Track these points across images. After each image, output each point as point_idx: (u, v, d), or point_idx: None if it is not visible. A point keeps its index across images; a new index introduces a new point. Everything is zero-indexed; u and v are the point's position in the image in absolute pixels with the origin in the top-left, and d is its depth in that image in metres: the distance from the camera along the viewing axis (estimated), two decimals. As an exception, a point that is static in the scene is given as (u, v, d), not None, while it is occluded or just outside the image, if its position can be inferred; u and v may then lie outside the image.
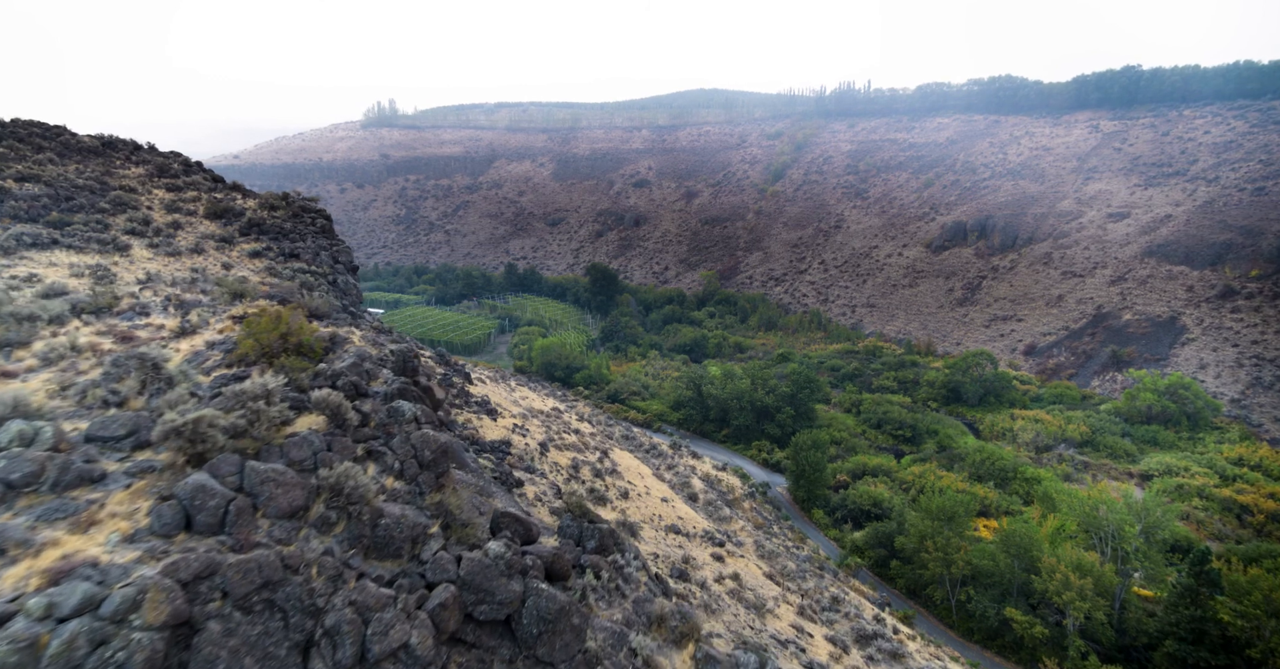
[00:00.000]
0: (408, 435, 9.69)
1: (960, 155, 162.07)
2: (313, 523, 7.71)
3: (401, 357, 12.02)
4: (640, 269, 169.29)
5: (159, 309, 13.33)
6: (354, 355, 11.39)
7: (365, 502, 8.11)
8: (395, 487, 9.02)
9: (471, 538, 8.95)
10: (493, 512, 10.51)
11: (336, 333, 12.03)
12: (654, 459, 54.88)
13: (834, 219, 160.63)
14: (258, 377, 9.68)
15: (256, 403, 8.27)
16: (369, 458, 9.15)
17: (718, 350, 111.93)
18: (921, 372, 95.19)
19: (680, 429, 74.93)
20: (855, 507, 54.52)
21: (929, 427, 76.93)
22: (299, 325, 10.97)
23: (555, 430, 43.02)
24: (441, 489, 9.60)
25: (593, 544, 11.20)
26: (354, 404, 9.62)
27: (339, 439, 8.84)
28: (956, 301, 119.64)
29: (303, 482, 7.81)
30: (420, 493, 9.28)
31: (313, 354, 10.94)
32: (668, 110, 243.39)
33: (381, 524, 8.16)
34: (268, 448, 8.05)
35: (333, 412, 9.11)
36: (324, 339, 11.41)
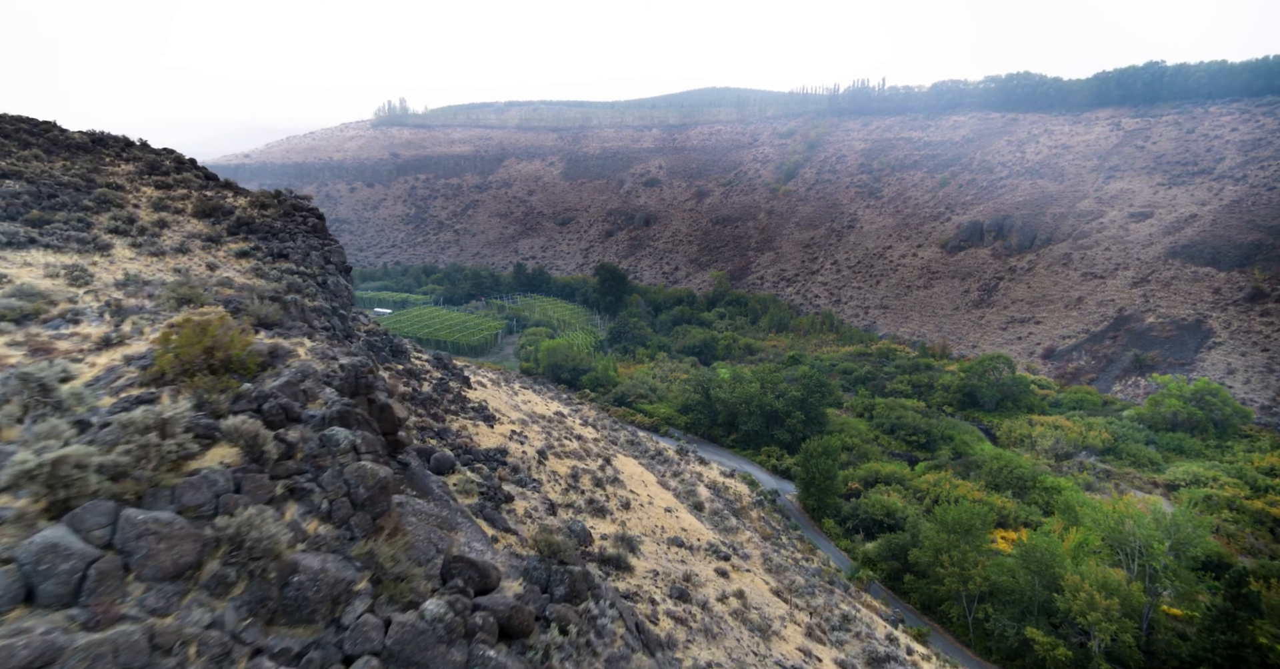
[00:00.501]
0: (341, 469, 8.31)
1: (977, 154, 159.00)
2: (204, 584, 6.33)
3: (353, 372, 10.65)
4: (650, 269, 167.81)
5: (94, 316, 12.08)
6: (296, 371, 10.03)
7: (274, 554, 6.72)
8: (321, 532, 7.64)
9: (407, 594, 7.55)
10: (445, 556, 9.11)
11: (280, 345, 10.68)
12: (659, 466, 53.44)
13: (847, 219, 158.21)
14: (167, 400, 8.34)
15: (146, 435, 6.90)
16: (291, 498, 7.78)
17: (727, 352, 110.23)
18: (936, 375, 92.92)
19: (688, 433, 73.38)
20: (867, 516, 52.74)
21: (944, 432, 74.85)
22: (230, 337, 9.62)
23: (556, 437, 41.68)
24: (379, 532, 8.21)
25: (562, 591, 9.76)
26: (277, 432, 8.24)
27: (252, 476, 7.46)
28: (972, 303, 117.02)
29: (195, 532, 6.44)
30: (352, 538, 7.89)
31: (245, 371, 9.60)
32: (678, 109, 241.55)
33: (294, 582, 6.76)
34: (155, 492, 6.68)
35: (248, 442, 7.74)
36: (261, 353, 10.06)
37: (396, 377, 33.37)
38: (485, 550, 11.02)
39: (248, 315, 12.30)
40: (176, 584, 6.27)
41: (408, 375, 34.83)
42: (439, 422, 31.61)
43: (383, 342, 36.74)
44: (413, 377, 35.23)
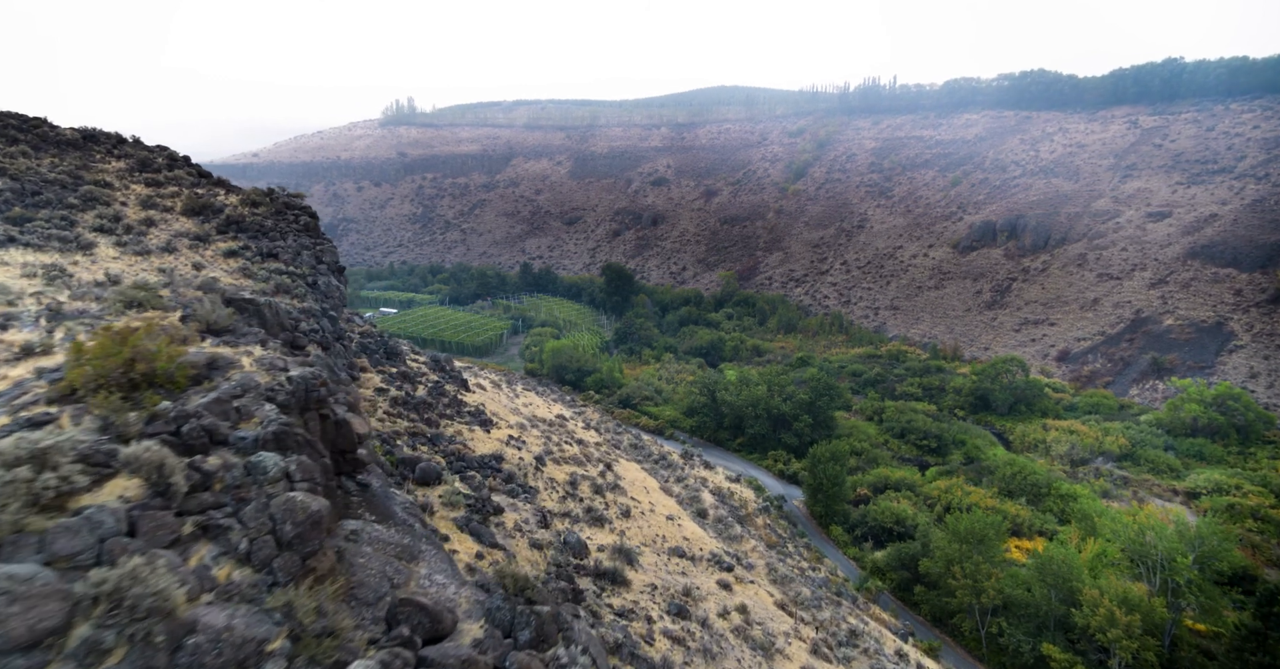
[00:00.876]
0: (267, 501, 7.22)
1: (989, 153, 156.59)
2: (71, 654, 5.23)
3: (302, 385, 9.56)
4: (657, 269, 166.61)
5: (29, 321, 11.07)
6: (234, 385, 8.96)
7: (166, 612, 5.62)
8: (235, 579, 6.53)
9: (333, 653, 6.43)
10: (391, 599, 8.01)
11: (220, 355, 9.61)
12: (663, 470, 52.30)
13: (857, 218, 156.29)
14: (68, 422, 7.30)
15: (15, 469, 5.83)
16: (203, 537, 6.69)
17: (735, 353, 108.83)
18: (948, 378, 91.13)
19: (693, 437, 72.14)
20: (876, 524, 51.32)
21: (956, 437, 73.19)
22: (157, 347, 8.56)
23: (556, 441, 40.59)
24: (309, 575, 7.10)
25: (527, 635, 8.63)
26: (192, 460, 7.15)
27: (153, 515, 6.37)
28: (985, 304, 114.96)
29: (63, 589, 5.35)
30: (274, 584, 6.79)
31: (174, 385, 8.53)
32: (687, 108, 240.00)
33: (188, 645, 5.65)
34: (18, 539, 5.60)
35: (151, 473, 6.66)
36: (195, 365, 8.99)
37: (389, 380, 32.42)
38: (449, 584, 9.90)
39: (195, 320, 11.26)
40: (32, 656, 5.16)
41: (401, 379, 33.86)
42: (433, 427, 30.60)
43: (376, 344, 35.82)
44: (406, 380, 34.27)
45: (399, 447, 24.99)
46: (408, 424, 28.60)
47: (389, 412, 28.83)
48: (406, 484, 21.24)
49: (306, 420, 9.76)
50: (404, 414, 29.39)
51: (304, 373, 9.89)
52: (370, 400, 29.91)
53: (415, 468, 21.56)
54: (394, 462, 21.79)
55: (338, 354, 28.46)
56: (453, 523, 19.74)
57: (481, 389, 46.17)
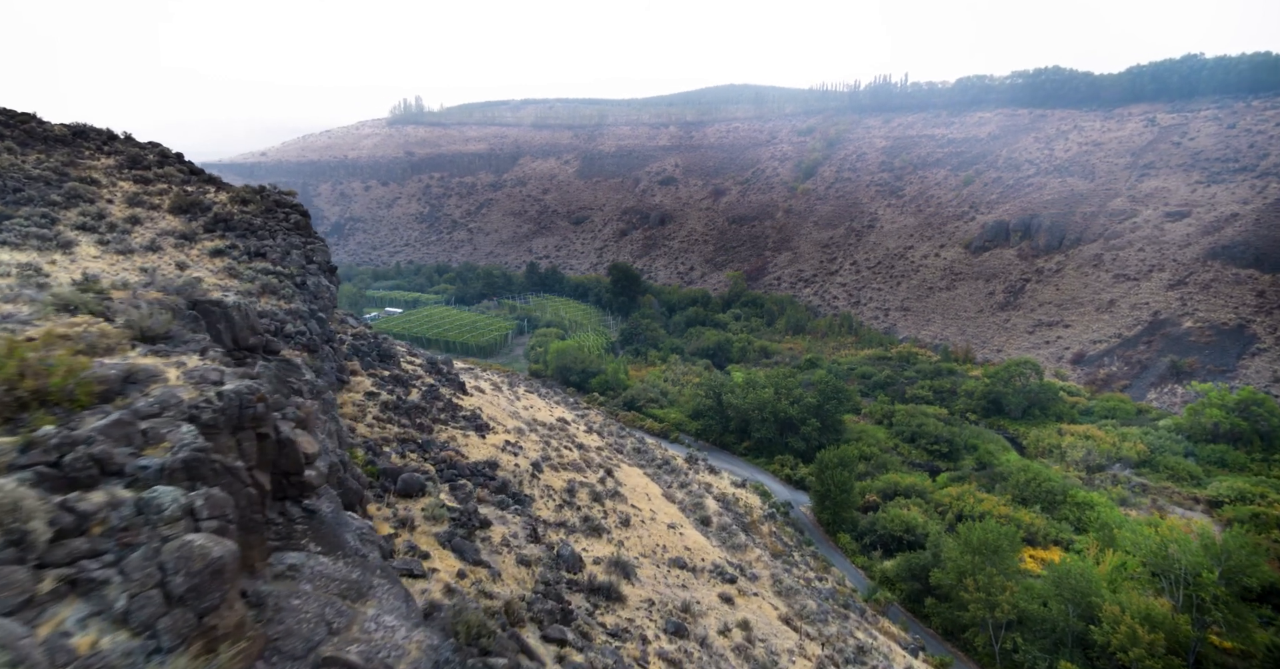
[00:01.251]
0: (159, 547, 6.07)
1: (1003, 151, 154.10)
2: None
3: (235, 401, 8.42)
4: (665, 269, 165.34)
5: (-58, 327, 9.99)
6: (152, 403, 7.85)
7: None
8: (106, 647, 5.39)
9: (220, 742, 5.28)
10: (315, 657, 6.87)
11: (138, 368, 8.48)
12: (666, 475, 51.04)
13: (867, 218, 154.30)
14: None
15: None
16: (68, 596, 5.55)
17: (742, 355, 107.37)
18: (959, 381, 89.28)
19: (699, 440, 70.86)
20: (885, 532, 49.84)
21: (967, 441, 71.50)
22: (59, 359, 7.46)
23: (555, 446, 39.46)
24: (206, 636, 5.94)
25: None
26: (66, 498, 6.01)
27: (1, 570, 5.24)
28: (997, 306, 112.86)
29: None
30: (158, 650, 5.64)
31: (75, 403, 7.42)
32: (695, 106, 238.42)
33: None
34: None
35: (4, 516, 5.52)
36: (105, 380, 7.87)
37: (380, 384, 31.41)
38: (400, 626, 8.73)
39: (127, 327, 10.16)
40: None
41: (394, 382, 32.84)
42: (425, 433, 29.55)
43: (370, 346, 34.84)
44: (399, 383, 33.24)
45: (385, 455, 23.92)
46: (398, 430, 27.55)
47: (379, 417, 27.78)
48: (387, 497, 20.14)
49: (239, 441, 8.62)
50: (394, 419, 28.34)
51: (238, 387, 8.74)
52: (359, 405, 28.87)
53: (397, 479, 20.48)
54: (374, 473, 20.70)
55: (326, 357, 27.43)
56: (435, 538, 18.61)
57: (480, 392, 45.10)
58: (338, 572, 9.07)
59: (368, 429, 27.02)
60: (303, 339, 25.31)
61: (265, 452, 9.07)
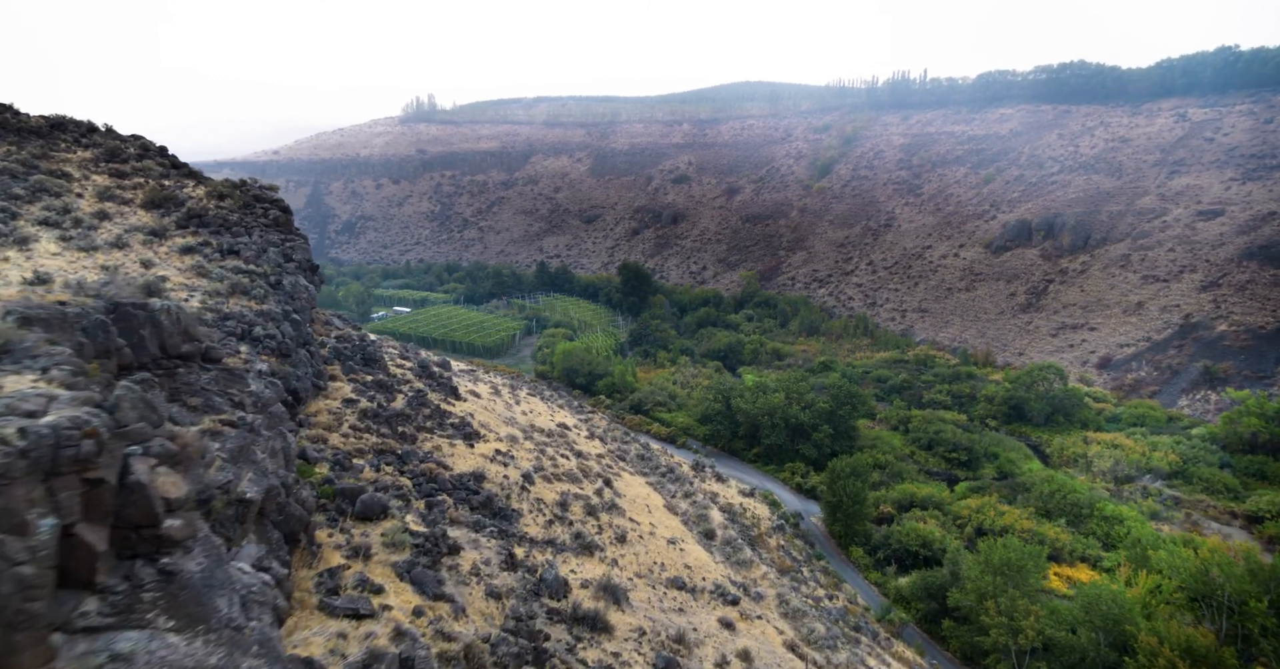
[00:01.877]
0: None
1: (1025, 148, 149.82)
2: None
3: (49, 439, 6.50)
4: (677, 269, 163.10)
5: None
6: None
7: None
8: None
9: None
10: None
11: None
12: (670, 484, 48.93)
13: (884, 217, 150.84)
14: None
15: None
16: None
17: (754, 357, 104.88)
18: (979, 385, 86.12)
19: (707, 446, 68.67)
20: (900, 546, 47.35)
21: (988, 449, 68.58)
22: None
23: (551, 455, 37.52)
24: None
25: None
26: None
27: None
28: (1019, 307, 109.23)
29: None
30: None
31: None
32: (709, 103, 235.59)
33: None
34: None
35: None
36: None
37: (361, 390, 29.63)
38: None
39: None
40: None
41: (376, 388, 31.05)
42: (407, 442, 27.69)
43: (353, 349, 33.11)
44: (383, 389, 31.45)
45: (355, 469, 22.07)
46: (376, 440, 25.71)
47: (355, 426, 25.96)
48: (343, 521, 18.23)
49: (53, 491, 6.69)
50: (373, 429, 26.53)
51: (57, 421, 6.81)
52: (335, 413, 27.00)
53: (356, 500, 18.59)
54: (330, 493, 18.80)
55: (300, 362, 25.66)
56: (392, 569, 16.62)
57: (475, 397, 43.27)
58: (190, 657, 7.09)
59: (342, 440, 25.16)
60: (273, 343, 23.56)
61: (99, 501, 7.14)
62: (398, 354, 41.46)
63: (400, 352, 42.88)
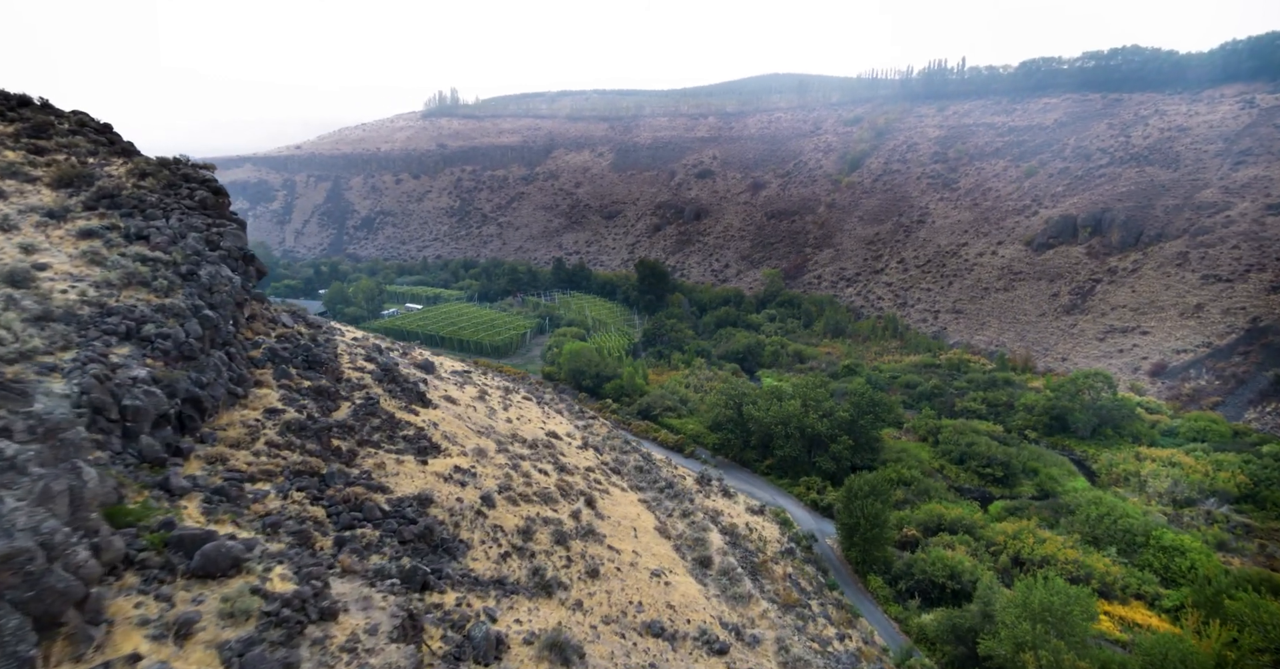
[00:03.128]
0: None
1: (1071, 139, 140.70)
2: None
3: None
4: (698, 266, 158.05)
5: None
6: None
7: None
8: None
9: None
10: None
11: None
12: (668, 501, 44.41)
13: (917, 213, 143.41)
14: None
15: None
16: None
17: (774, 359, 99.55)
18: (1017, 393, 79.54)
19: (717, 455, 63.95)
20: (925, 577, 42.10)
21: (1026, 464, 62.50)
22: None
23: (526, 470, 33.28)
24: None
25: None
26: None
27: None
28: (1062, 309, 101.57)
29: None
30: None
31: None
32: (736, 96, 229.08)
33: None
34: None
35: None
36: None
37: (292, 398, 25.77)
38: None
39: None
40: None
41: (315, 395, 27.16)
42: (340, 460, 23.69)
43: (294, 350, 29.35)
44: (323, 397, 27.55)
45: (249, 498, 18.08)
46: (297, 459, 21.68)
47: (274, 442, 21.97)
48: (168, 583, 14.16)
49: None
50: (296, 445, 22.53)
51: None
52: (252, 427, 22.99)
53: (195, 553, 14.57)
54: (161, 543, 14.75)
55: (210, 366, 21.84)
56: (218, 654, 12.36)
57: (451, 403, 39.32)
58: None
59: (251, 459, 21.12)
60: (168, 344, 19.80)
61: None
62: (363, 355, 37.82)
63: (367, 353, 39.22)
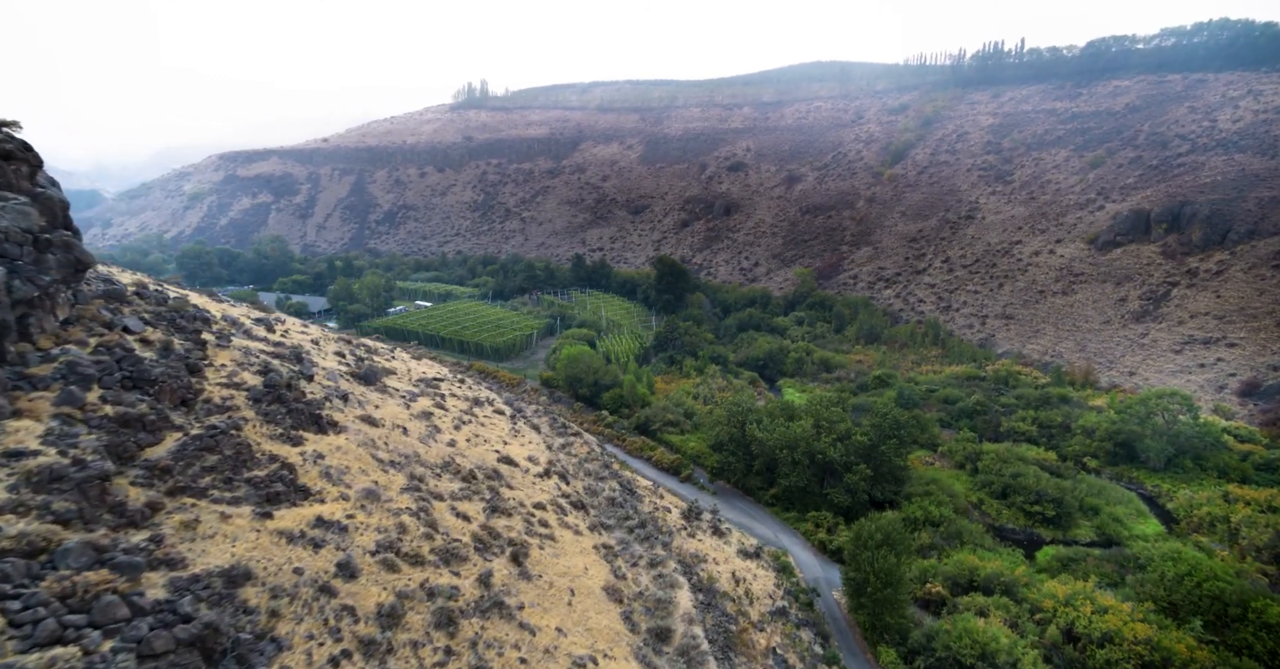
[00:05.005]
0: None
1: (1144, 125, 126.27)
2: None
3: None
4: (726, 264, 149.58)
5: None
6: None
7: None
8: None
9: None
10: None
11: None
12: (637, 546, 37.26)
13: (965, 208, 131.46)
14: None
15: None
16: None
17: (798, 367, 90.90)
18: (1075, 412, 69.14)
19: (717, 480, 56.38)
20: (949, 655, 33.78)
21: (1084, 500, 52.85)
22: None
23: (435, 515, 26.48)
24: None
25: None
26: None
27: None
28: (1131, 316, 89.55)
29: None
30: None
31: None
32: (774, 85, 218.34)
33: None
34: None
35: None
36: None
37: (67, 431, 19.62)
38: None
39: None
40: None
41: (119, 426, 20.98)
42: (123, 522, 17.54)
43: (110, 366, 23.37)
44: (136, 428, 21.27)
45: None
46: (23, 527, 15.56)
47: (12, 500, 15.90)
48: None
49: None
50: (30, 505, 16.38)
51: None
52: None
53: None
54: None
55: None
56: None
57: (369, 424, 32.98)
58: None
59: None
60: None
61: None
62: (256, 367, 31.85)
63: (263, 365, 33.29)
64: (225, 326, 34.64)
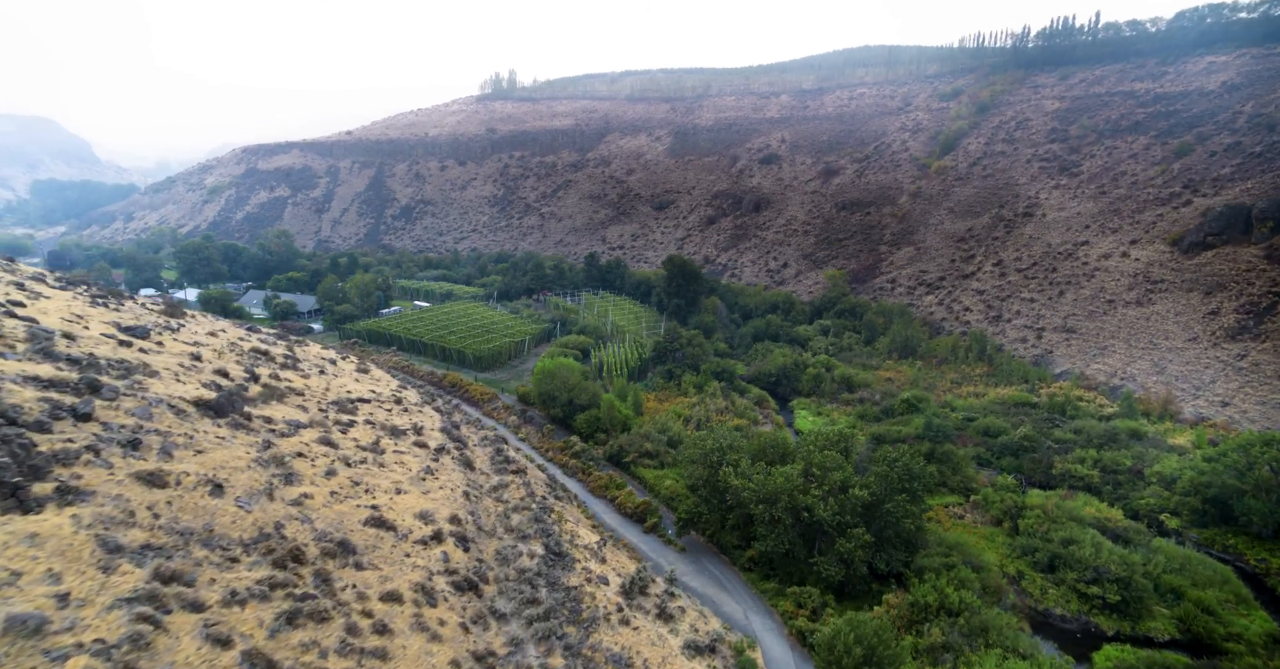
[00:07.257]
0: None
1: (1245, 107, 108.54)
2: None
3: None
4: (752, 265, 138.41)
5: None
6: None
7: None
8: None
9: None
10: None
11: None
12: (530, 649, 28.15)
13: (1023, 204, 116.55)
14: None
15: None
16: None
17: (815, 385, 79.89)
18: (1150, 454, 56.23)
19: (686, 532, 46.67)
20: None
21: (1161, 579, 40.85)
22: None
23: (126, 660, 17.84)
24: None
25: None
26: None
27: None
28: (1225, 333, 74.73)
29: None
30: None
31: None
32: (815, 71, 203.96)
33: None
34: None
35: None
36: None
37: None
38: None
39: None
40: None
41: None
42: None
43: None
44: None
45: None
46: None
47: None
48: None
49: None
50: None
51: None
52: None
53: None
54: None
55: None
56: None
57: (147, 484, 24.81)
58: None
59: None
60: None
61: None
62: None
63: None
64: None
